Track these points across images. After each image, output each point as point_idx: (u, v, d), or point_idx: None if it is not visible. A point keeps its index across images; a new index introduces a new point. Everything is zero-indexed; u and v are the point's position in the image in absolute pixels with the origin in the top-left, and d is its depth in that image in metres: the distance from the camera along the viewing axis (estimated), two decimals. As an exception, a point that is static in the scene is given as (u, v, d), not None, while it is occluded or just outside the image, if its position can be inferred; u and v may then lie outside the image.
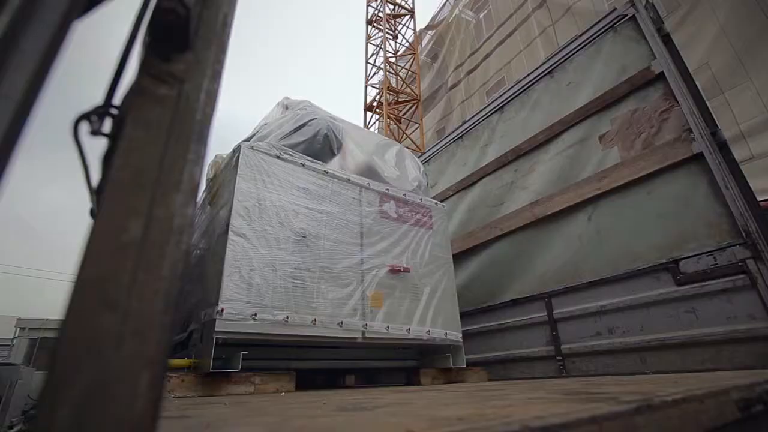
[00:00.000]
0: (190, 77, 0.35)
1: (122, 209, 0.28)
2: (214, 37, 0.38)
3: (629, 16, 2.86)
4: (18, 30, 0.26)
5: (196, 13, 0.36)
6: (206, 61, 0.36)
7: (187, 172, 0.31)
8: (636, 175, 2.54)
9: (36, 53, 0.26)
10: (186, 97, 0.34)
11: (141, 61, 0.34)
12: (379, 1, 13.35)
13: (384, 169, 2.89)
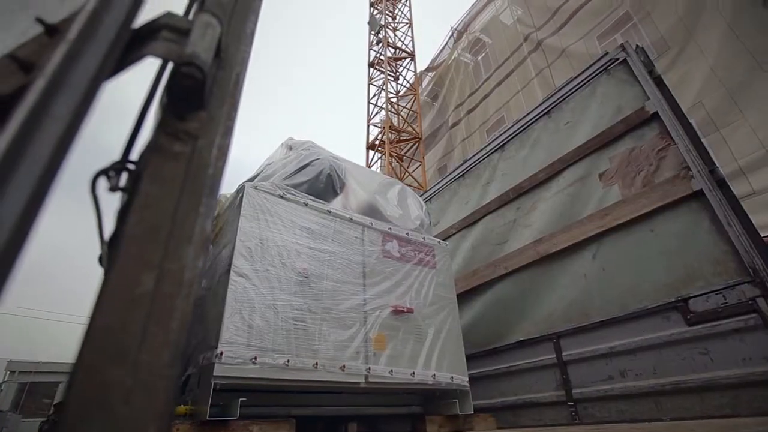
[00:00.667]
0: (203, 134, 0.37)
1: (136, 263, 0.29)
2: (227, 95, 0.40)
3: (621, 59, 2.99)
4: (52, 94, 0.28)
5: (211, 74, 0.38)
6: (219, 119, 0.38)
7: (199, 225, 0.32)
8: (638, 212, 2.55)
9: (66, 114, 0.28)
10: (199, 153, 0.36)
11: (158, 121, 0.36)
12: (381, 46, 14.01)
13: (386, 208, 2.91)
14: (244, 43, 0.45)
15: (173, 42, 0.38)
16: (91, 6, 0.34)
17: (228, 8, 0.46)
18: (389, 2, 14.97)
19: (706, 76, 6.88)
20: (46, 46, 0.37)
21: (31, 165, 0.25)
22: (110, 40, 0.33)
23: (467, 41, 13.95)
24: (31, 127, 0.27)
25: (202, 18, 0.40)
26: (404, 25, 14.98)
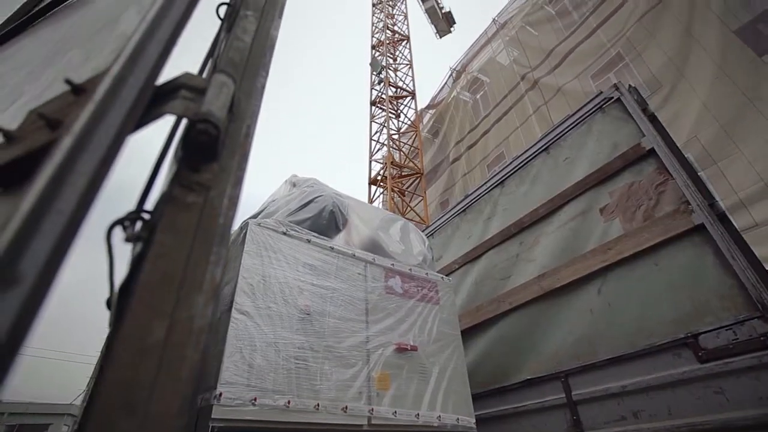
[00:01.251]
0: (215, 185, 0.39)
1: (149, 311, 0.30)
2: (238, 147, 0.43)
3: (615, 98, 3.09)
4: (77, 151, 0.30)
5: (224, 128, 0.41)
6: (230, 169, 0.41)
7: (209, 273, 0.34)
8: (640, 246, 2.55)
9: (90, 169, 0.30)
10: (211, 204, 0.38)
11: (173, 173, 0.39)
12: (383, 85, 14.54)
13: (389, 243, 2.92)
14: (254, 97, 0.48)
15: (190, 100, 0.41)
16: (116, 68, 0.37)
17: (240, 66, 0.50)
18: (390, 45, 15.69)
19: (699, 112, 7.06)
20: (72, 104, 0.40)
21: (55, 218, 0.27)
22: (133, 100, 0.36)
23: (466, 80, 14.48)
24: (57, 182, 0.29)
25: (217, 78, 0.43)
26: (405, 66, 15.61)
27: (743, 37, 6.89)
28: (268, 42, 0.56)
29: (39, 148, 0.37)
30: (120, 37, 0.65)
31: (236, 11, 0.59)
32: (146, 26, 0.41)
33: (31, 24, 1.39)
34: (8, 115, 0.70)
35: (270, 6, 0.61)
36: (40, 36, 1.16)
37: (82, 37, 0.82)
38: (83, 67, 0.64)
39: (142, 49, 0.39)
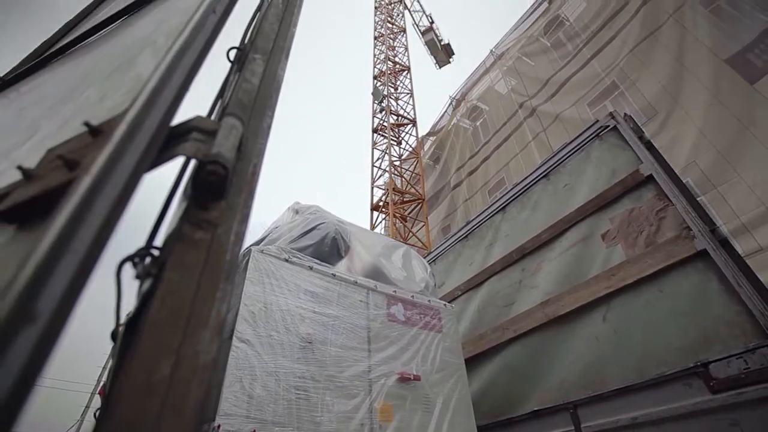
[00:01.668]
0: (222, 222, 0.40)
1: (156, 349, 0.31)
2: (245, 185, 0.44)
3: (611, 126, 3.15)
4: (94, 191, 0.32)
5: (232, 167, 0.43)
6: (237, 207, 0.42)
7: (215, 309, 0.35)
8: (644, 273, 2.53)
9: (107, 208, 0.32)
10: (218, 240, 0.39)
11: (183, 211, 0.40)
12: (384, 113, 14.86)
13: (391, 270, 2.92)
14: (261, 136, 0.50)
15: (201, 142, 0.43)
16: (133, 113, 0.39)
17: (248, 107, 0.52)
18: (392, 75, 16.14)
19: (695, 138, 7.16)
20: (89, 145, 0.43)
21: (71, 258, 0.28)
22: (148, 142, 0.38)
23: (465, 108, 14.79)
24: (74, 222, 0.30)
25: (227, 121, 0.46)
26: (406, 95, 16.01)
27: (734, 65, 7.07)
28: (275, 83, 0.59)
29: (57, 187, 0.39)
30: (135, 78, 0.68)
31: (245, 54, 0.62)
32: (162, 72, 0.44)
33: (51, 61, 1.46)
34: (25, 150, 0.73)
35: (277, 49, 0.65)
36: (59, 74, 1.21)
37: (98, 77, 0.86)
38: (99, 105, 0.67)
39: (158, 93, 0.42)
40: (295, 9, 0.80)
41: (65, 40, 1.83)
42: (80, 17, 2.30)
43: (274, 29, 0.70)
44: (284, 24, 0.72)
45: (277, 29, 0.70)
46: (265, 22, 0.71)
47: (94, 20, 1.87)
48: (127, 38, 1.06)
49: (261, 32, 0.68)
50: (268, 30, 0.69)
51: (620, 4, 10.06)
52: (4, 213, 0.43)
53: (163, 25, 0.91)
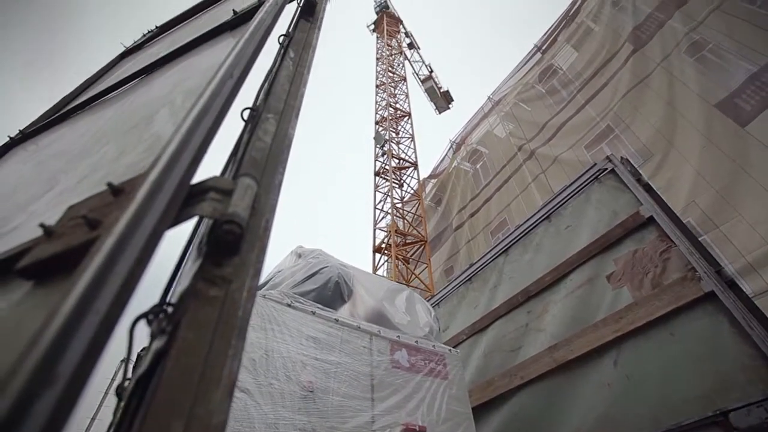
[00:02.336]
0: (236, 278, 0.42)
1: (169, 410, 0.31)
2: (257, 240, 0.46)
3: (609, 169, 3.22)
4: (116, 251, 0.34)
5: (246, 225, 0.45)
6: (250, 262, 0.44)
7: (227, 368, 0.35)
8: (653, 315, 2.48)
9: (127, 268, 0.34)
10: (231, 297, 0.41)
11: (198, 267, 0.42)
12: (386, 157, 15.22)
13: (394, 315, 2.87)
14: (273, 193, 0.53)
15: (218, 202, 0.46)
16: (155, 174, 0.42)
17: (261, 165, 0.55)
18: (393, 120, 16.72)
19: (693, 179, 7.25)
20: (110, 204, 0.45)
21: (92, 318, 0.30)
22: (169, 202, 0.40)
23: (465, 151, 15.16)
24: (96, 283, 0.32)
25: (243, 181, 0.49)
26: (407, 139, 16.48)
27: (723, 110, 7.31)
28: (286, 141, 0.63)
29: (78, 246, 0.40)
30: (154, 137, 0.73)
31: (259, 114, 0.66)
32: (182, 134, 0.48)
33: (70, 116, 1.54)
34: (43, 203, 0.76)
35: (288, 108, 0.70)
36: (77, 128, 1.28)
37: (116, 133, 0.91)
38: (118, 162, 0.70)
39: (179, 155, 0.45)
40: (304, 70, 0.86)
41: (84, 96, 1.93)
42: (98, 75, 2.45)
43: (285, 90, 0.75)
44: (294, 84, 0.78)
45: (288, 89, 0.75)
46: (276, 83, 0.76)
47: (113, 78, 1.99)
48: (145, 96, 1.13)
49: (273, 93, 0.73)
50: (279, 91, 0.74)
51: (610, 53, 10.59)
52: (24, 270, 0.45)
53: (181, 85, 0.98)
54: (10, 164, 1.46)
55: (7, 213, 0.84)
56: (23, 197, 0.90)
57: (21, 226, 0.69)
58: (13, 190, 1.03)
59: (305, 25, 1.18)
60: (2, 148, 1.71)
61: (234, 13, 1.39)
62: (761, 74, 7.02)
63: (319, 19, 1.25)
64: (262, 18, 0.90)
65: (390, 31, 20.95)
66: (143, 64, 1.72)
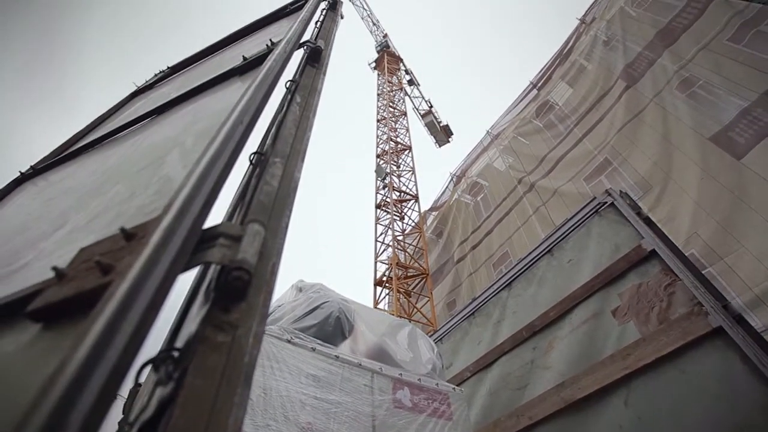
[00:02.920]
0: (242, 323, 0.42)
1: (174, 461, 0.31)
2: (264, 284, 0.47)
3: (608, 203, 3.24)
4: (129, 297, 0.35)
5: (254, 270, 0.46)
6: (256, 307, 0.45)
7: (233, 416, 0.35)
8: (661, 352, 2.43)
9: (140, 312, 0.34)
10: (238, 343, 0.41)
11: (205, 313, 0.43)
12: (387, 190, 15.37)
13: (396, 351, 2.81)
14: (279, 236, 0.55)
15: (227, 248, 0.47)
16: (168, 220, 0.44)
17: (268, 209, 0.57)
18: (394, 154, 17.02)
19: (693, 210, 7.27)
20: (123, 248, 0.46)
21: (104, 366, 0.30)
22: (181, 248, 0.42)
23: (466, 184, 15.33)
24: (109, 330, 0.32)
25: (252, 227, 0.50)
26: (408, 172, 16.71)
27: (718, 143, 7.44)
28: (292, 184, 0.65)
29: (90, 290, 0.41)
30: (165, 179, 0.75)
31: (267, 158, 0.69)
32: (195, 180, 0.50)
33: (80, 154, 1.58)
34: (53, 242, 0.77)
35: (294, 152, 0.73)
36: (88, 166, 1.32)
37: (127, 173, 0.94)
38: (129, 203, 0.72)
39: (191, 200, 0.46)
40: (310, 114, 0.90)
41: (95, 134, 1.99)
42: (110, 112, 2.53)
43: (292, 134, 0.78)
44: (300, 129, 0.81)
45: (295, 133, 0.79)
46: (284, 127, 0.80)
47: (124, 117, 2.06)
48: (156, 137, 1.17)
49: (280, 137, 0.76)
50: (286, 135, 0.77)
51: (603, 90, 10.93)
52: (34, 312, 0.46)
53: (192, 128, 1.02)
54: (21, 199, 1.49)
55: (17, 249, 0.85)
56: (33, 233, 0.92)
57: (31, 264, 0.70)
58: (24, 225, 1.05)
59: (311, 70, 1.24)
60: (13, 182, 1.74)
61: (244, 59, 1.46)
62: (752, 109, 7.19)
63: (324, 64, 1.31)
64: (271, 66, 0.95)
65: (391, 69, 21.76)
66: (155, 104, 1.78)
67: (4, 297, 0.52)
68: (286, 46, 1.19)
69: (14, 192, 1.65)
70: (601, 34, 12.10)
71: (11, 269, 0.71)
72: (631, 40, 10.82)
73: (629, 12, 11.45)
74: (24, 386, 0.37)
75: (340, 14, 2.44)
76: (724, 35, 8.31)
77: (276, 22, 2.46)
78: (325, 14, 2.22)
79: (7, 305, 0.51)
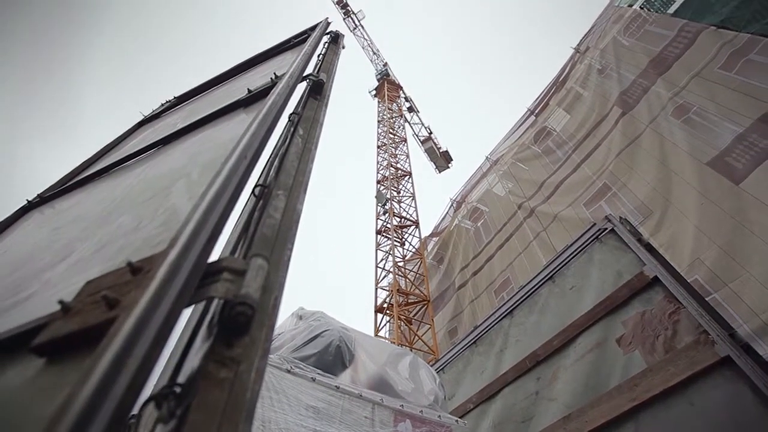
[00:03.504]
0: (245, 358, 0.43)
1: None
2: (266, 318, 0.48)
3: (609, 229, 3.25)
4: (135, 332, 0.35)
5: (257, 305, 0.47)
6: (259, 341, 0.45)
7: (234, 454, 0.35)
8: (669, 383, 2.37)
9: (145, 347, 0.35)
10: (240, 378, 0.41)
11: (208, 348, 0.43)
12: (387, 215, 15.41)
13: (398, 381, 2.75)
14: (282, 269, 0.55)
15: (231, 282, 0.48)
16: (174, 254, 0.45)
17: (271, 241, 0.59)
18: (394, 180, 17.17)
19: (694, 236, 7.23)
20: (129, 282, 0.47)
21: (109, 404, 0.30)
22: (186, 282, 0.43)
23: (466, 210, 15.37)
24: (115, 367, 0.33)
25: (255, 262, 0.51)
26: (408, 198, 16.81)
27: (715, 168, 7.50)
28: (294, 216, 0.66)
29: (96, 325, 0.42)
30: (170, 211, 0.77)
31: (270, 191, 0.71)
32: (200, 214, 0.51)
33: (87, 183, 1.61)
34: (59, 271, 0.78)
35: (297, 184, 0.75)
36: (94, 195, 1.34)
37: (133, 203, 0.96)
38: (134, 234, 0.74)
39: (197, 235, 0.48)
40: (312, 146, 0.93)
41: (102, 163, 2.03)
42: (117, 141, 2.58)
43: (294, 166, 0.81)
44: (303, 161, 0.84)
45: (297, 166, 0.81)
46: (287, 159, 0.82)
47: (131, 146, 2.10)
48: (162, 167, 1.20)
49: (283, 169, 0.78)
50: (289, 167, 0.79)
51: (600, 116, 11.13)
52: (38, 347, 0.46)
53: (197, 159, 1.04)
54: (27, 228, 1.50)
55: (23, 279, 0.86)
56: (39, 264, 0.92)
57: (36, 295, 0.71)
58: (29, 255, 1.06)
59: (313, 102, 1.28)
60: (20, 211, 1.76)
61: (249, 91, 1.51)
62: (747, 134, 7.29)
63: (326, 97, 1.35)
64: (275, 100, 0.98)
65: (390, 96, 22.29)
66: (161, 134, 1.83)
67: (8, 330, 0.52)
68: (289, 80, 1.23)
69: (21, 219, 1.67)
70: (595, 62, 12.46)
71: (16, 299, 0.72)
72: (625, 69, 11.11)
73: (622, 41, 11.82)
74: (27, 423, 0.37)
75: (342, 45, 2.53)
76: (715, 63, 8.54)
77: (280, 54, 2.56)
78: (327, 47, 2.31)
79: (11, 338, 0.52)
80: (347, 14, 24.30)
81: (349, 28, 24.18)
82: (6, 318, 0.65)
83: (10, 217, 1.69)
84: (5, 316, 0.66)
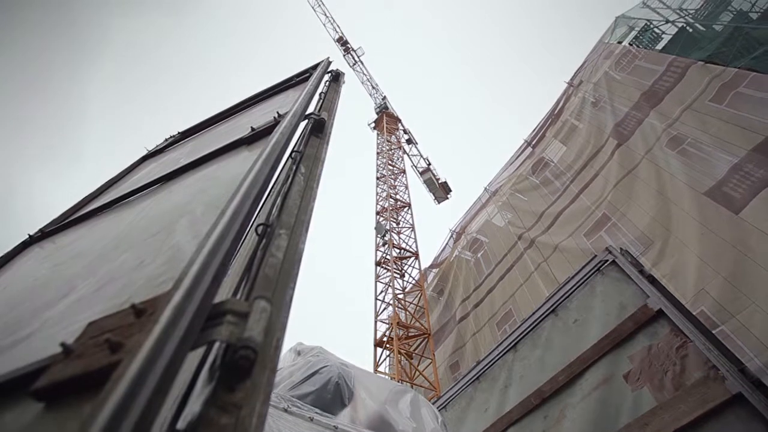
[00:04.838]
0: (246, 403, 0.42)
1: None
2: (268, 361, 0.48)
3: (610, 260, 3.23)
4: (138, 378, 0.35)
5: (260, 348, 0.47)
6: (261, 385, 0.45)
7: (234, 505, 0.34)
8: (680, 422, 2.29)
9: (149, 392, 0.35)
10: (242, 424, 0.41)
11: (210, 394, 0.43)
12: (387, 247, 15.36)
13: (399, 421, 2.65)
14: (284, 310, 0.56)
15: (234, 325, 0.48)
16: (178, 297, 0.45)
17: (273, 282, 0.59)
18: (393, 211, 17.26)
19: (697, 266, 7.19)
20: (133, 324, 0.48)
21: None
22: (190, 324, 0.43)
23: (466, 241, 15.35)
24: (119, 413, 0.33)
25: (258, 304, 0.52)
26: (407, 229, 16.83)
27: (714, 198, 7.56)
28: (296, 256, 0.67)
29: (98, 369, 0.42)
30: (174, 248, 0.78)
31: (272, 230, 0.72)
32: (205, 255, 0.52)
33: (89, 218, 1.62)
34: (59, 309, 0.78)
35: (299, 223, 0.76)
36: (96, 231, 1.35)
37: (136, 240, 0.97)
38: (137, 273, 0.74)
39: (202, 276, 0.48)
40: (314, 184, 0.95)
41: (105, 198, 2.05)
42: (120, 176, 2.62)
43: (297, 204, 0.82)
44: (305, 199, 0.85)
45: (299, 204, 0.83)
46: (289, 198, 0.84)
47: (134, 181, 2.14)
48: (165, 204, 1.21)
49: (285, 208, 0.80)
50: (291, 205, 0.81)
51: (596, 147, 11.34)
52: (38, 391, 0.46)
53: (201, 196, 1.06)
54: (28, 263, 1.50)
55: (22, 317, 0.85)
56: (39, 301, 0.92)
57: (36, 335, 0.70)
58: (30, 292, 1.06)
59: (315, 140, 1.32)
60: (20, 245, 1.76)
61: (252, 129, 1.56)
62: (743, 164, 7.40)
63: (327, 134, 1.39)
64: (278, 139, 1.02)
65: (389, 129, 22.79)
66: (165, 170, 1.86)
67: (9, 372, 0.52)
68: (292, 119, 1.27)
69: (21, 254, 1.66)
70: (589, 95, 12.83)
71: (16, 338, 0.71)
72: (618, 101, 11.43)
73: (614, 76, 12.23)
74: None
75: (342, 82, 2.62)
76: (705, 96, 8.80)
77: (283, 92, 2.64)
78: (328, 86, 2.39)
79: (10, 381, 0.51)
80: (347, 51, 25.30)
81: (348, 63, 25.10)
82: (5, 357, 0.64)
83: (10, 251, 1.68)
84: (5, 355, 0.66)
